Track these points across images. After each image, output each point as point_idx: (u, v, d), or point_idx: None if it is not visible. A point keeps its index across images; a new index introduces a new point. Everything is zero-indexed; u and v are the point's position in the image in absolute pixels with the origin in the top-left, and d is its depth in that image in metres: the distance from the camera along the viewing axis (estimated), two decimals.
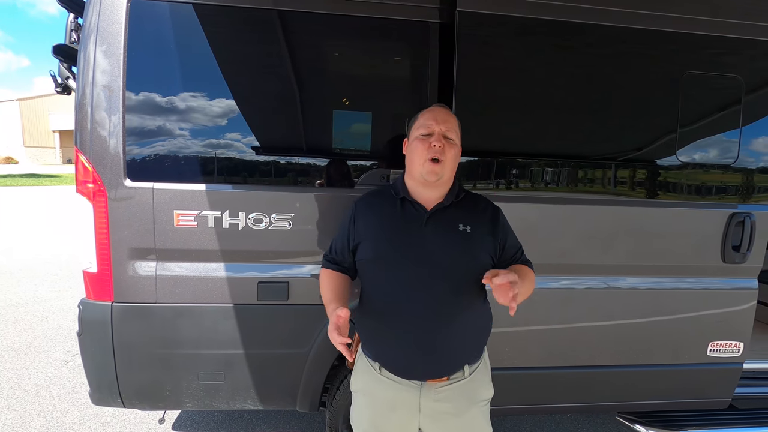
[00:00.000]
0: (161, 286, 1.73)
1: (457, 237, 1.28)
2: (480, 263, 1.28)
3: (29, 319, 4.06)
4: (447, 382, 1.30)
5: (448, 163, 1.27)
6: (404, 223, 1.30)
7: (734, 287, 2.01)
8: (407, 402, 1.30)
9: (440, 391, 1.30)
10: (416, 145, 1.29)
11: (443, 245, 1.27)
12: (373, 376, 1.33)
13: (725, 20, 1.87)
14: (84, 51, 1.65)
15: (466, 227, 1.29)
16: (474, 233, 1.29)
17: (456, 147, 1.31)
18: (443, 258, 1.26)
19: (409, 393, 1.30)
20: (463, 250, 1.27)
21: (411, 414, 1.31)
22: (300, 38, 1.77)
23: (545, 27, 1.79)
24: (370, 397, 1.36)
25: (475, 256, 1.28)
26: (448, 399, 1.30)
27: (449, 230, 1.28)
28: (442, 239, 1.27)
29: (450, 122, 1.31)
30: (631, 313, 1.97)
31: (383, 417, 1.34)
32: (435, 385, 1.29)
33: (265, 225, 1.73)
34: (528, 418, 2.71)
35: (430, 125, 1.29)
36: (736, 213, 1.94)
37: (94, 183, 1.66)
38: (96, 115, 1.65)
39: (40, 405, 2.71)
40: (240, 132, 1.73)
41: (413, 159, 1.30)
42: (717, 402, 2.12)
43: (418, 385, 1.29)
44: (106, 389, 1.79)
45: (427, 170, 1.25)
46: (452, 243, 1.27)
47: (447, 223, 1.29)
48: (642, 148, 1.92)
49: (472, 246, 1.28)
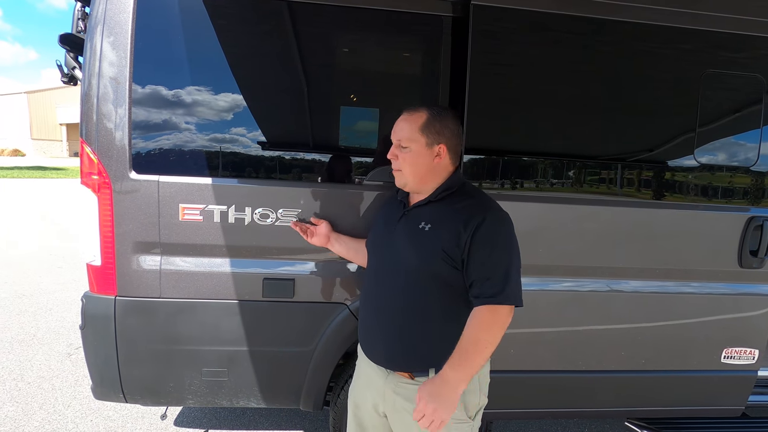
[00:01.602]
0: (165, 280, 1.70)
1: (414, 234, 1.29)
2: (432, 263, 1.24)
3: (33, 310, 4.06)
4: (410, 381, 1.31)
5: (406, 171, 1.32)
6: (389, 219, 1.40)
7: (750, 293, 1.96)
8: (376, 384, 1.38)
9: (402, 386, 1.31)
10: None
11: (403, 242, 1.32)
12: (361, 352, 1.45)
13: (746, 18, 1.82)
14: (90, 41, 1.62)
15: (426, 225, 1.28)
16: (430, 232, 1.26)
17: (410, 152, 1.30)
18: (400, 253, 1.31)
19: (379, 376, 1.36)
20: (416, 248, 1.28)
21: (378, 396, 1.37)
22: (310, 31, 1.73)
23: (561, 22, 1.75)
24: (359, 370, 1.48)
25: (426, 256, 1.25)
26: (409, 398, 1.29)
27: (411, 227, 1.31)
28: (404, 236, 1.32)
29: (403, 130, 1.32)
30: (644, 317, 1.92)
31: (362, 392, 1.44)
32: (399, 378, 1.32)
33: (271, 220, 1.70)
34: (533, 423, 2.67)
35: (392, 138, 1.37)
36: (754, 217, 1.89)
37: (99, 175, 1.63)
38: (102, 106, 1.62)
39: (42, 398, 2.70)
40: (248, 126, 1.70)
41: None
42: (730, 410, 2.07)
43: (386, 372, 1.34)
44: (109, 384, 1.77)
45: (395, 178, 1.37)
46: (410, 240, 1.30)
47: (412, 221, 1.32)
48: (660, 149, 1.87)
49: (425, 245, 1.26)
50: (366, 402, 1.42)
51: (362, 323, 1.44)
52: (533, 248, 1.76)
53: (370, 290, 1.42)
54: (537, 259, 1.78)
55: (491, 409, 1.48)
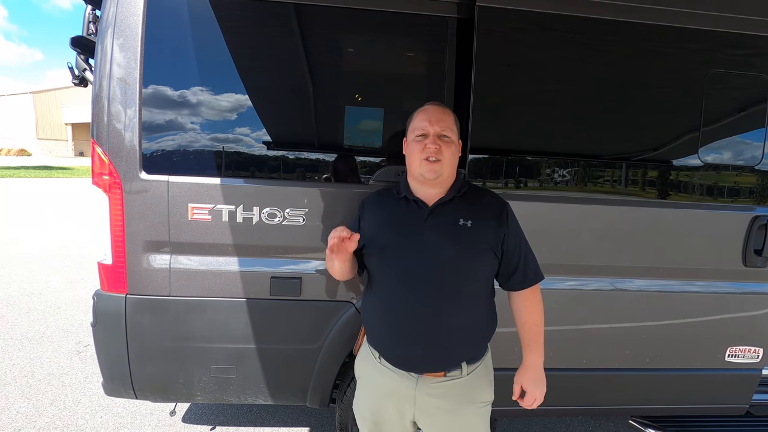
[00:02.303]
0: (175, 279, 1.73)
1: (458, 231, 1.29)
2: (480, 258, 1.30)
3: (42, 309, 4.11)
4: (443, 378, 1.31)
5: (446, 162, 1.30)
6: (406, 219, 1.33)
7: (755, 291, 1.96)
8: (403, 393, 1.33)
9: (436, 386, 1.31)
10: (413, 147, 1.32)
11: (442, 240, 1.29)
12: (374, 365, 1.37)
13: (751, 17, 1.82)
14: (101, 44, 1.65)
15: (466, 222, 1.30)
16: (474, 228, 1.30)
17: (453, 144, 1.33)
18: (441, 252, 1.27)
19: (406, 384, 1.32)
20: (462, 245, 1.28)
21: (406, 405, 1.33)
22: (316, 32, 1.75)
23: (566, 23, 1.76)
24: (369, 384, 1.40)
25: (475, 250, 1.29)
26: (444, 396, 1.31)
27: (449, 225, 1.30)
28: (442, 234, 1.29)
29: (445, 120, 1.33)
30: (648, 316, 1.93)
31: (380, 405, 1.37)
32: (431, 379, 1.31)
33: (279, 220, 1.72)
34: (538, 421, 2.68)
35: (424, 127, 1.31)
36: (759, 216, 1.90)
37: (110, 175, 1.66)
38: (112, 107, 1.65)
39: (53, 394, 2.74)
40: (255, 127, 1.73)
41: (411, 160, 1.34)
42: (734, 408, 2.08)
43: (415, 377, 1.31)
44: (119, 380, 1.80)
45: (426, 169, 1.29)
46: (452, 237, 1.29)
47: (447, 218, 1.31)
48: (664, 148, 1.88)
49: (471, 240, 1.29)
50: (389, 415, 1.36)
51: (388, 332, 1.33)
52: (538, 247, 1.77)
53: (396, 297, 1.30)
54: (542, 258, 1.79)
55: (497, 407, 1.50)
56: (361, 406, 1.43)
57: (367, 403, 1.41)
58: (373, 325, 1.39)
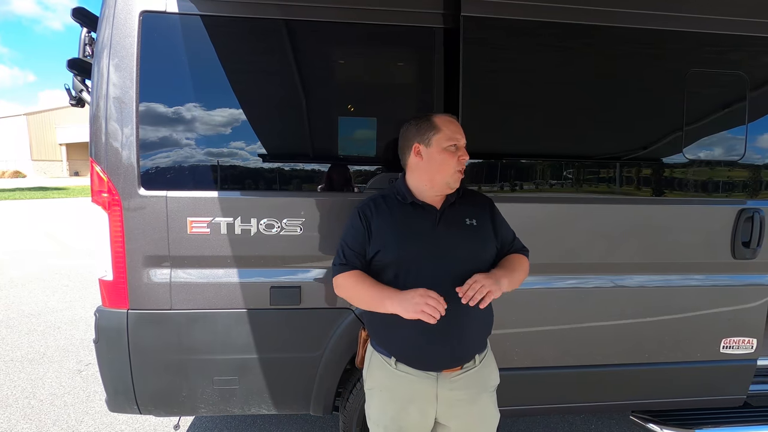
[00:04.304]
0: (176, 292, 1.75)
1: (467, 231, 1.39)
2: (489, 253, 1.41)
3: (42, 329, 4.10)
4: (461, 371, 1.38)
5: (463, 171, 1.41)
6: (418, 224, 1.38)
7: (745, 283, 2.01)
8: (425, 393, 1.37)
9: (455, 380, 1.37)
10: (446, 157, 1.36)
11: (456, 240, 1.36)
12: (389, 372, 1.39)
13: (728, 18, 1.88)
14: (98, 65, 1.69)
15: (472, 221, 1.40)
16: (479, 225, 1.41)
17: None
18: (457, 252, 1.35)
19: (426, 384, 1.36)
20: (473, 243, 1.38)
21: (429, 404, 1.38)
22: (308, 47, 1.80)
23: (550, 30, 1.82)
24: (388, 393, 1.41)
25: (484, 246, 1.40)
26: (463, 387, 1.38)
27: (458, 226, 1.39)
28: (454, 235, 1.37)
29: (462, 134, 1.42)
30: (643, 311, 1.97)
31: (402, 410, 1.39)
32: (450, 374, 1.36)
33: (276, 230, 1.75)
34: (540, 420, 2.70)
35: (458, 139, 1.38)
36: (744, 209, 1.94)
37: (109, 193, 1.69)
38: (110, 126, 1.68)
39: (56, 414, 2.73)
40: (251, 140, 1.76)
41: (442, 169, 1.36)
42: (732, 399, 2.11)
43: (435, 375, 1.36)
44: (123, 396, 1.81)
45: (456, 179, 1.38)
46: (463, 237, 1.37)
47: (455, 220, 1.39)
48: (649, 147, 1.93)
49: (480, 238, 1.40)
50: (412, 418, 1.38)
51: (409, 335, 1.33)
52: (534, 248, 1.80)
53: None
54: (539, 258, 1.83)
55: (500, 406, 1.52)
56: (380, 416, 1.42)
57: (388, 411, 1.40)
58: (388, 330, 1.38)
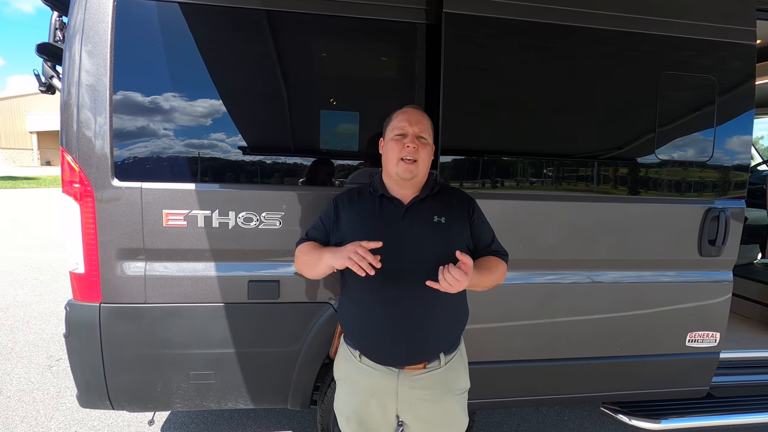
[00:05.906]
0: (150, 286, 1.72)
1: (432, 228, 1.36)
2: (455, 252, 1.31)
3: (10, 323, 3.96)
4: (424, 370, 1.37)
5: (422, 162, 1.36)
6: (383, 217, 1.38)
7: (711, 280, 2.09)
8: (385, 388, 1.37)
9: (417, 379, 1.36)
10: (391, 146, 1.37)
11: (419, 237, 1.35)
12: (354, 364, 1.40)
13: (699, 23, 1.94)
14: (69, 50, 1.63)
15: (440, 218, 1.37)
16: (448, 224, 1.38)
17: (429, 146, 1.41)
18: (418, 249, 1.33)
19: (388, 380, 1.36)
20: (437, 241, 1.35)
21: (389, 400, 1.38)
22: (288, 38, 1.78)
23: (530, 29, 1.84)
24: (351, 384, 1.43)
25: (450, 246, 1.31)
26: (425, 386, 1.37)
27: (424, 222, 1.37)
28: (418, 231, 1.35)
29: (422, 123, 1.40)
30: (614, 306, 2.03)
31: (364, 403, 1.40)
32: (412, 372, 1.36)
33: (255, 224, 1.73)
34: (515, 412, 2.76)
35: (403, 127, 1.37)
36: (711, 208, 2.02)
37: (81, 183, 1.64)
38: (82, 115, 1.63)
39: (24, 411, 2.65)
40: (229, 131, 1.74)
41: (388, 159, 1.39)
42: (696, 390, 2.20)
43: (396, 372, 1.36)
44: (95, 391, 1.77)
45: (402, 169, 1.34)
46: (427, 234, 1.35)
47: (422, 216, 1.37)
48: (624, 147, 1.99)
49: (446, 236, 1.36)
50: (373, 412, 1.39)
51: (370, 329, 1.36)
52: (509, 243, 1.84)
53: (377, 294, 1.33)
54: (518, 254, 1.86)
55: (475, 399, 1.55)
56: (344, 407, 1.45)
57: (350, 403, 1.43)
58: (353, 323, 1.42)
